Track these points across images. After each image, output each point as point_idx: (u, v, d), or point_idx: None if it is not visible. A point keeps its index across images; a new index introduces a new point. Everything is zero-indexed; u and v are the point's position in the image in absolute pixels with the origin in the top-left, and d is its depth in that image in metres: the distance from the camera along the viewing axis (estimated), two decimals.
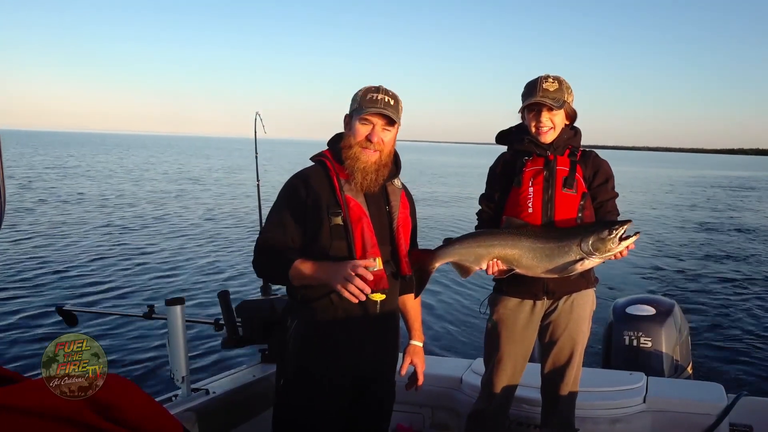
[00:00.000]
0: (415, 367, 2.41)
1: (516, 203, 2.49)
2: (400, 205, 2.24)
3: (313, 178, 2.18)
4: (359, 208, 2.13)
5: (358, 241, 2.09)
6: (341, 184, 2.13)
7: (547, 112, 2.47)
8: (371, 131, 2.13)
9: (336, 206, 2.11)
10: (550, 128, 2.49)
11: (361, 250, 2.09)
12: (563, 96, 2.47)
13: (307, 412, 2.14)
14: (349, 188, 2.13)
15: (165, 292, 8.50)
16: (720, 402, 3.01)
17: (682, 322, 4.46)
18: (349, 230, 2.09)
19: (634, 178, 46.29)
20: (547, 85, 2.46)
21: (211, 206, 19.83)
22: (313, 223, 2.12)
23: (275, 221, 2.18)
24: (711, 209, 25.16)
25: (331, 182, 2.14)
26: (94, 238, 12.83)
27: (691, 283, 10.79)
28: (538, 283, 2.52)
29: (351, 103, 2.21)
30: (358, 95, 2.18)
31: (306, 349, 2.15)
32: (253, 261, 2.20)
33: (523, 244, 2.32)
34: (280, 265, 2.07)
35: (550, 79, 2.47)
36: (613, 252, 2.27)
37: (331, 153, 2.22)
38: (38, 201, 18.84)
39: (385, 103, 2.12)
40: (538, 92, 2.45)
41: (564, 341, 2.59)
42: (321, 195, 2.13)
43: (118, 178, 29.71)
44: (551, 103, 2.44)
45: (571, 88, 2.51)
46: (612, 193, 2.55)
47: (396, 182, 2.27)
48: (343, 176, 2.14)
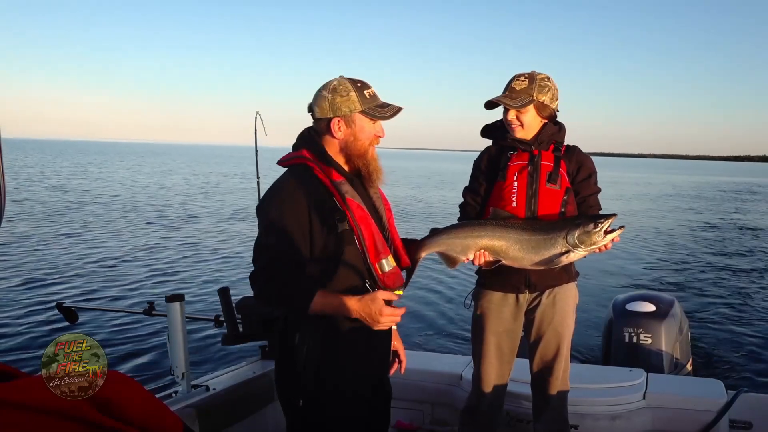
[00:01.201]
0: (397, 351, 2.30)
1: (500, 197, 2.52)
2: (381, 195, 2.18)
3: (305, 184, 1.99)
4: (361, 209, 2.01)
5: (370, 244, 1.99)
6: (336, 186, 1.98)
7: (513, 111, 2.51)
8: (381, 129, 2.07)
9: (339, 211, 1.96)
10: (518, 125, 2.52)
11: (373, 252, 2.00)
12: (531, 94, 2.48)
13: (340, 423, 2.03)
14: (346, 190, 2.00)
15: (165, 288, 8.51)
16: (720, 398, 3.02)
17: (682, 318, 4.47)
18: (360, 233, 1.97)
19: (638, 184, 46.32)
20: (516, 84, 2.49)
21: (211, 203, 19.83)
22: (319, 233, 1.95)
23: (279, 239, 1.94)
24: (713, 210, 25.21)
25: (325, 186, 1.99)
26: (95, 235, 12.83)
27: (691, 279, 10.80)
28: (519, 276, 2.55)
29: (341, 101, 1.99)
30: (351, 91, 1.99)
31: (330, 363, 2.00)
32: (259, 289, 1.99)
33: (510, 236, 2.34)
34: (300, 300, 1.92)
35: (522, 77, 2.50)
36: (598, 245, 2.30)
37: (313, 153, 2.03)
38: (41, 201, 18.84)
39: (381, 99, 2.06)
40: (505, 90, 2.50)
41: (550, 336, 2.61)
42: (319, 201, 1.97)
43: (120, 180, 29.70)
44: (508, 102, 2.47)
45: (548, 87, 2.51)
46: (595, 188, 2.59)
47: None
48: (335, 178, 2.00)
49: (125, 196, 21.18)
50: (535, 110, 2.51)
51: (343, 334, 2.00)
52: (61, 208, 16.92)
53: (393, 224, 2.20)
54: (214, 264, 10.49)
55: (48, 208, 16.97)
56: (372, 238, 1.99)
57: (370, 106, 2.01)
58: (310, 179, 1.99)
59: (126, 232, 13.48)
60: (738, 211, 25.02)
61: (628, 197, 29.13)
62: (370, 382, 2.11)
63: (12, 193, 18.74)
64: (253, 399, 3.02)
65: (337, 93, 1.99)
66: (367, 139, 2.03)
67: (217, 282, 8.49)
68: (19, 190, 20.51)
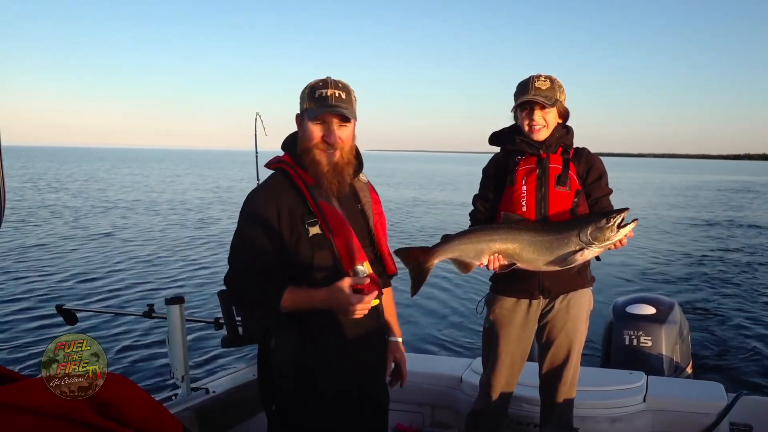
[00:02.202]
0: (399, 363, 2.28)
1: (510, 202, 2.50)
2: (372, 200, 2.14)
3: (278, 188, 2.00)
4: (335, 213, 1.98)
5: (342, 249, 1.95)
6: (310, 190, 1.97)
7: (539, 110, 2.48)
8: (327, 131, 1.96)
9: (310, 215, 1.95)
10: (542, 126, 2.50)
11: (347, 257, 1.96)
12: (555, 94, 2.48)
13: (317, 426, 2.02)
14: (319, 194, 1.97)
15: (165, 291, 8.51)
16: (720, 401, 3.01)
17: (682, 321, 4.46)
18: (331, 238, 1.95)
19: (637, 184, 46.30)
20: (539, 84, 2.47)
21: (211, 205, 19.83)
22: (289, 237, 1.95)
23: (248, 243, 1.97)
24: (713, 211, 25.17)
25: (299, 190, 1.97)
26: (95, 238, 12.83)
27: (691, 282, 10.79)
28: (533, 282, 2.53)
29: (300, 102, 2.03)
30: (305, 92, 1.99)
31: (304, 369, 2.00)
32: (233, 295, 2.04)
33: (524, 238, 2.33)
34: (269, 300, 1.92)
35: (542, 78, 2.49)
36: (612, 240, 2.28)
37: (291, 157, 2.04)
38: (41, 204, 18.83)
39: (336, 98, 1.95)
40: (531, 90, 2.46)
41: (561, 341, 2.59)
42: (292, 205, 1.96)
43: (121, 184, 29.70)
44: (543, 100, 2.45)
45: (563, 87, 2.53)
46: (606, 189, 2.57)
47: (362, 178, 2.15)
48: (309, 181, 1.98)
49: (127, 199, 21.19)
50: (557, 111, 2.52)
51: (318, 338, 1.99)
52: (62, 211, 16.92)
53: (381, 229, 2.15)
54: (214, 266, 10.48)
55: (48, 211, 16.97)
56: (345, 243, 1.96)
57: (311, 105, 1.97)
58: (287, 184, 2.00)
59: (126, 234, 13.48)
60: (738, 210, 25.02)
61: (628, 196, 29.14)
62: (349, 390, 2.05)
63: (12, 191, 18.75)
64: (252, 402, 3.01)
65: (302, 91, 2.02)
66: (309, 140, 1.98)
67: (217, 284, 8.48)
68: (22, 191, 20.53)
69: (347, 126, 2.00)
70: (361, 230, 2.06)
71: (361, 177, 2.14)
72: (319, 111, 1.94)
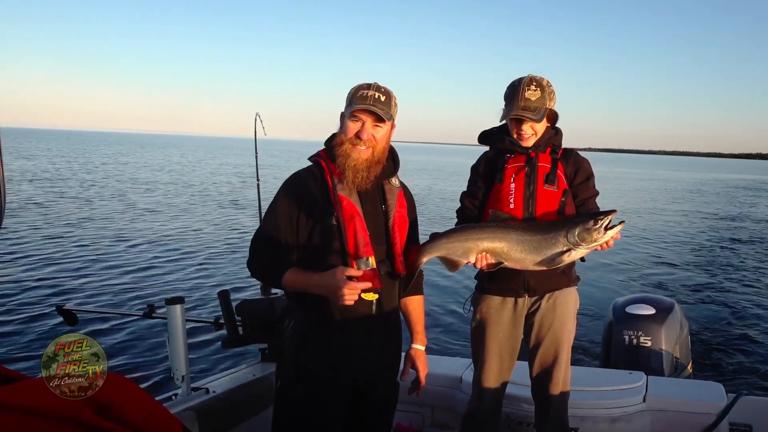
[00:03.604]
0: (417, 371, 2.36)
1: (497, 199, 2.52)
2: (397, 203, 2.22)
3: (308, 178, 2.17)
4: (352, 206, 2.10)
5: (351, 241, 2.07)
6: (335, 183, 2.11)
7: (530, 122, 2.49)
8: (361, 128, 2.10)
9: (329, 206, 2.09)
10: (531, 135, 2.53)
11: (353, 249, 2.07)
12: (545, 103, 2.48)
13: (308, 412, 2.12)
14: (342, 187, 2.11)
15: (165, 291, 8.51)
16: (720, 401, 3.02)
17: (682, 321, 4.47)
18: (342, 230, 2.07)
19: (639, 180, 46.25)
20: (529, 94, 2.45)
21: (211, 205, 19.84)
22: (307, 224, 2.11)
23: (270, 223, 2.16)
24: (713, 211, 25.17)
25: (325, 182, 2.13)
26: (95, 238, 12.83)
27: (691, 282, 10.80)
28: (518, 280, 2.55)
29: (345, 101, 2.19)
30: (351, 92, 2.16)
31: (304, 348, 2.14)
32: (247, 262, 2.19)
33: (511, 237, 2.34)
34: (273, 274, 2.12)
35: (532, 86, 2.46)
36: (599, 242, 2.29)
37: (327, 152, 2.20)
38: (39, 200, 18.85)
39: (374, 99, 2.09)
40: (520, 101, 2.45)
41: (549, 341, 2.59)
42: (315, 195, 2.13)
43: (118, 177, 29.71)
44: (531, 116, 2.45)
45: (553, 92, 2.52)
46: (593, 191, 2.59)
47: (393, 181, 2.25)
48: (336, 175, 2.12)
49: (127, 196, 21.19)
50: (546, 118, 2.53)
51: (326, 325, 2.12)
52: (62, 211, 16.93)
53: (399, 231, 2.22)
54: (214, 267, 10.48)
55: (48, 209, 16.98)
56: (354, 236, 2.08)
57: (352, 104, 2.12)
58: (316, 174, 2.17)
59: (126, 234, 13.48)
60: (744, 210, 25.01)
61: (628, 196, 29.15)
62: (351, 378, 2.16)
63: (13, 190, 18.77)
64: (253, 402, 3.02)
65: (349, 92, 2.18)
66: (344, 134, 2.14)
67: (217, 285, 8.48)
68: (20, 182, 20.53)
69: (382, 126, 2.14)
70: (378, 227, 2.17)
71: (392, 180, 2.25)
72: (357, 108, 2.10)
